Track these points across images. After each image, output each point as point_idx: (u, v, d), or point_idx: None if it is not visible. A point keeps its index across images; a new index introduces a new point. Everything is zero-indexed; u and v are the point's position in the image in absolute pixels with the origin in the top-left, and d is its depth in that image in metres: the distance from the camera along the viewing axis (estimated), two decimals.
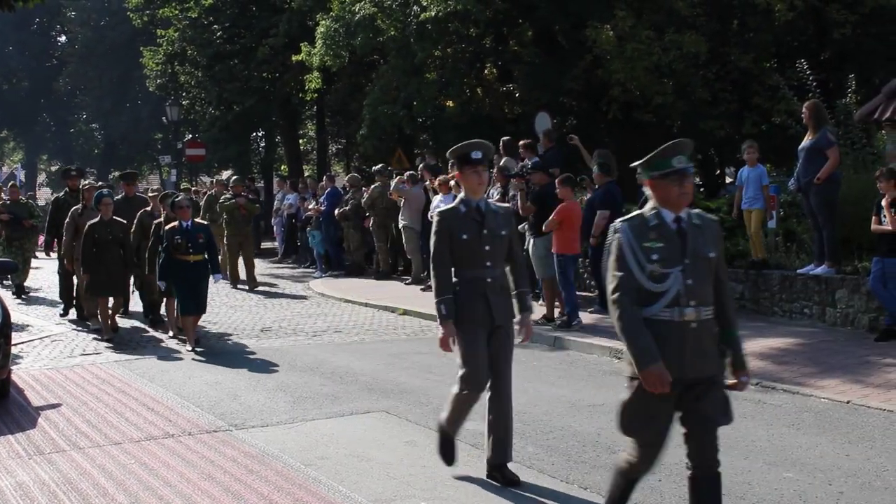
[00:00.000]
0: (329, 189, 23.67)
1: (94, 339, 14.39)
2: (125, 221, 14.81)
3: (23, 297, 20.18)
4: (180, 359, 12.73)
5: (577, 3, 22.61)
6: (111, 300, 14.76)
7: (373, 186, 21.46)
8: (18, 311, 17.29)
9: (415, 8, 23.41)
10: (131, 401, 10.13)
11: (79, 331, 15.33)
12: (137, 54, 43.48)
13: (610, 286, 5.32)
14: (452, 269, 6.96)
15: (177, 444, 8.37)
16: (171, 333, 14.33)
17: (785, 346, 11.80)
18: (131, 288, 15.88)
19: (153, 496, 6.90)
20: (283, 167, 45.00)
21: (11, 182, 22.57)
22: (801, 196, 13.53)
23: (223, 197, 22.32)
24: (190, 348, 13.16)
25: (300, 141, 46.19)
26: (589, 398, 9.75)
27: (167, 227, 13.47)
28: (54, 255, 17.60)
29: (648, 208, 5.38)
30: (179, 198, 14.11)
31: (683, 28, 21.55)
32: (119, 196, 17.23)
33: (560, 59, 24.26)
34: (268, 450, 8.04)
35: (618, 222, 5.39)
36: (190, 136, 42.94)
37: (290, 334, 14.59)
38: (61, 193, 17.72)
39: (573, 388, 10.31)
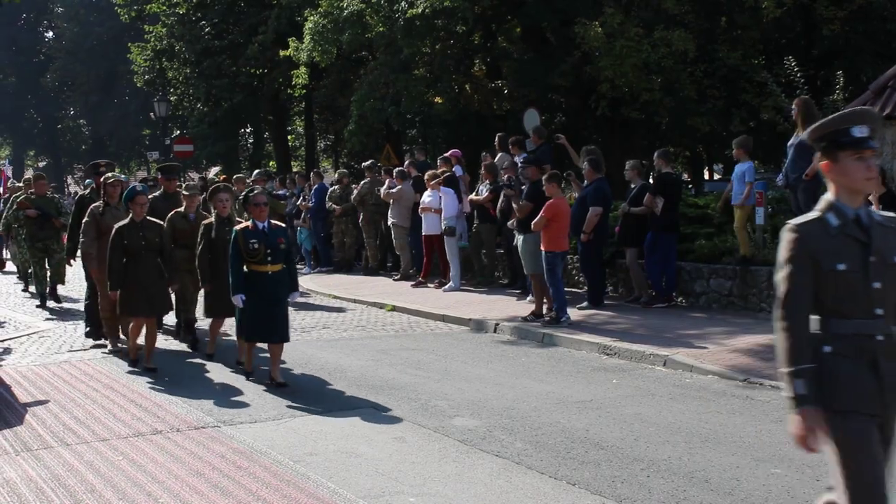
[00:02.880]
0: (317, 185, 23.61)
1: (83, 345, 14.05)
2: (162, 223, 12.14)
3: (56, 305, 17.81)
4: (168, 355, 12.69)
5: None
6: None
7: (362, 183, 21.43)
8: (5, 307, 17.25)
9: (402, 4, 23.41)
10: (119, 397, 10.09)
11: (68, 321, 15.26)
12: (125, 50, 43.51)
13: None
14: (815, 319, 4.49)
15: (165, 440, 8.34)
16: (209, 352, 12.27)
17: (773, 342, 11.71)
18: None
19: (141, 492, 6.88)
20: (271, 163, 45.01)
21: (38, 174, 19.92)
22: (789, 192, 13.56)
23: (243, 193, 20.99)
24: (273, 381, 10.45)
25: (288, 137, 46.18)
26: (577, 394, 9.76)
27: (238, 229, 10.51)
28: (77, 262, 14.54)
29: None
30: (255, 192, 11.21)
31: (672, 25, 21.60)
32: (157, 192, 14.49)
33: (549, 55, 24.33)
34: (256, 446, 8.02)
35: None
36: (178, 132, 42.93)
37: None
38: (86, 191, 14.70)
39: (562, 384, 10.32)
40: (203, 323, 13.37)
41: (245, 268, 10.42)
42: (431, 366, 11.49)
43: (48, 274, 17.98)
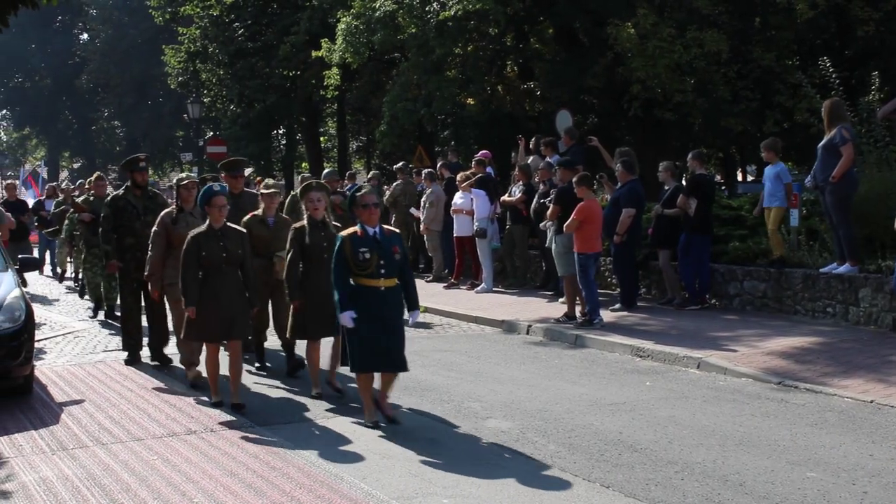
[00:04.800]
0: (349, 186, 23.62)
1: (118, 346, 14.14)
2: (244, 231, 10.07)
3: (114, 322, 15.51)
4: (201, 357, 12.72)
5: (597, 0, 22.61)
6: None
7: (394, 184, 21.44)
8: (41, 308, 17.37)
9: (434, 6, 23.43)
10: (153, 397, 10.16)
11: (106, 329, 15.34)
12: (159, 52, 43.82)
13: None
14: None
15: (199, 440, 8.39)
16: (315, 391, 10.07)
17: (808, 345, 11.73)
18: None
19: (175, 492, 6.92)
20: (303, 164, 45.17)
21: (97, 173, 17.98)
22: (819, 194, 13.48)
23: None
24: (375, 422, 8.80)
25: (321, 138, 46.30)
26: (610, 397, 9.73)
27: (345, 235, 8.75)
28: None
29: None
30: (364, 190, 9.16)
31: (705, 26, 21.51)
32: None
33: (581, 56, 24.27)
34: (289, 447, 8.05)
35: None
36: (211, 133, 43.15)
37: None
38: (121, 191, 12.51)
39: (594, 386, 10.29)
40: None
41: (352, 282, 8.74)
42: (464, 367, 11.49)
43: (102, 285, 16.01)
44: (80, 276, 18.98)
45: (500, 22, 24.04)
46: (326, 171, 20.47)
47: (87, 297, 18.08)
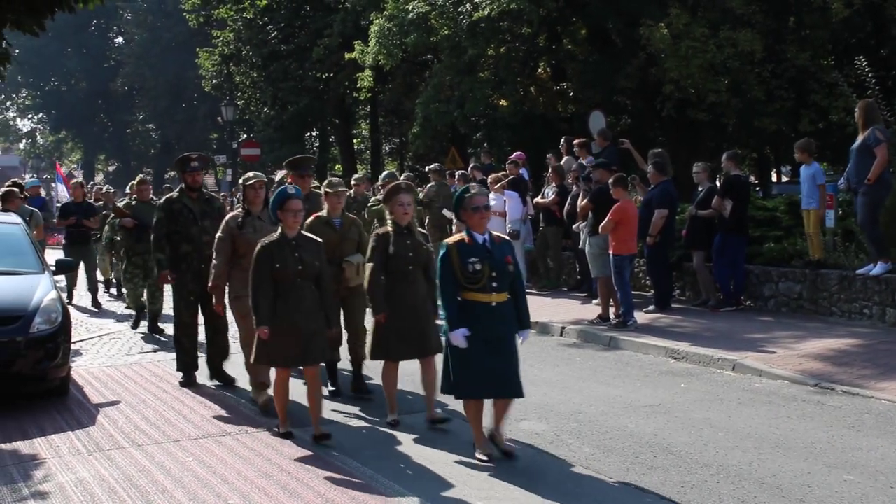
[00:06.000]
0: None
1: (154, 347, 14.44)
2: (320, 240, 8.70)
3: (158, 335, 14.56)
4: (237, 359, 12.75)
5: (630, 1, 22.53)
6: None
7: (428, 185, 21.42)
8: (77, 310, 17.49)
9: (467, 6, 23.44)
10: (189, 398, 10.21)
11: (141, 332, 15.40)
12: (193, 55, 44.07)
13: None
14: None
15: (234, 441, 8.43)
16: (391, 418, 9.00)
17: (844, 346, 11.63)
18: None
19: (211, 493, 6.96)
20: (337, 166, 45.31)
21: (140, 176, 16.74)
22: (853, 196, 13.38)
23: (373, 199, 16.66)
24: (489, 455, 7.72)
25: (354, 140, 46.44)
26: (645, 399, 9.69)
27: (451, 243, 7.81)
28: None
29: None
30: (473, 191, 8.01)
31: (738, 25, 21.39)
32: None
33: (614, 57, 24.19)
34: (324, 449, 8.07)
35: None
36: (245, 135, 43.35)
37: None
38: (175, 193, 11.31)
39: (629, 388, 10.25)
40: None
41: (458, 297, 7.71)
42: None
43: (144, 295, 14.97)
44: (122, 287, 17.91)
45: (534, 22, 24.00)
46: (385, 172, 20.37)
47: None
